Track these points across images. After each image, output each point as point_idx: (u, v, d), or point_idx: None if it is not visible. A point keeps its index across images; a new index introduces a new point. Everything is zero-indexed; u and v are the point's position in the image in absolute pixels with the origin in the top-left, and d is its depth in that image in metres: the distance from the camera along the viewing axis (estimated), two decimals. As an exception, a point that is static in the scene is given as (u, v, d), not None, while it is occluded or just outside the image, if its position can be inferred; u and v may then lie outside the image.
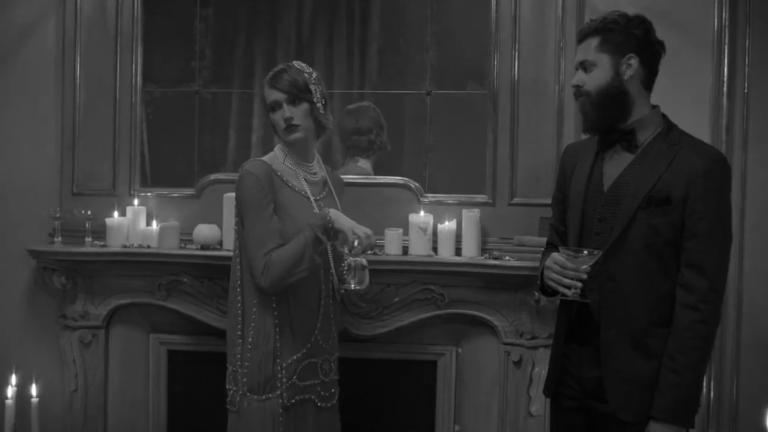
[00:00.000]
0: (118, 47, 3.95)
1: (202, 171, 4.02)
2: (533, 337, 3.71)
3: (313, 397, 3.09)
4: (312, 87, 3.04)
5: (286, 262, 2.93)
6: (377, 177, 3.95)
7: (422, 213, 3.76)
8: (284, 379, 3.01)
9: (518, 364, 3.74)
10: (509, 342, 3.74)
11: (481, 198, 3.83)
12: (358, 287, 3.04)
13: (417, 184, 3.87)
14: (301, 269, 2.94)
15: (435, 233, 3.75)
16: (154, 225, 3.86)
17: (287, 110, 3.02)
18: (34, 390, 3.82)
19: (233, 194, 3.09)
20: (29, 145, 4.03)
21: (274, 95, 3.03)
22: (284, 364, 3.01)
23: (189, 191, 3.97)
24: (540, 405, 3.70)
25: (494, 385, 3.80)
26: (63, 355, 3.93)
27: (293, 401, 3.03)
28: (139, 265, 3.80)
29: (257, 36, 4.15)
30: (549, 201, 3.19)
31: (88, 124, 3.96)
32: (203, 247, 3.75)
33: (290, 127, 3.03)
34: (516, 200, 3.79)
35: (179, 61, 4.07)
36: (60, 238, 3.86)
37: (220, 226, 3.77)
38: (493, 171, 3.81)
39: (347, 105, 4.08)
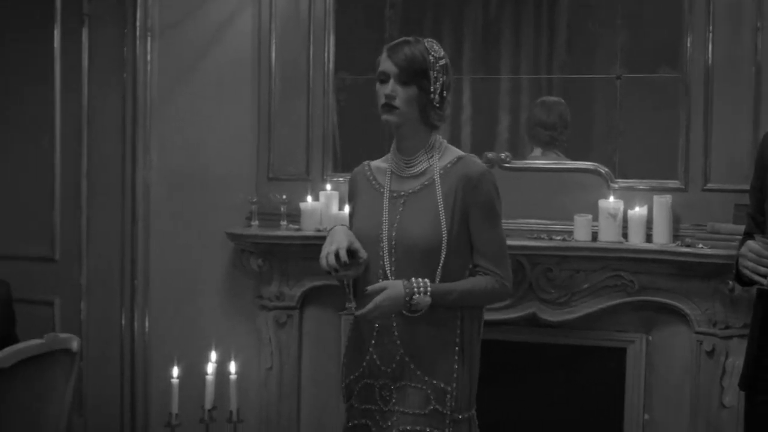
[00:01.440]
0: (311, 37, 4.33)
1: None
2: (727, 327, 3.83)
3: (369, 423, 2.84)
4: (432, 73, 2.76)
5: None
6: (566, 162, 4.15)
7: (612, 198, 3.93)
8: (345, 399, 2.93)
9: (711, 354, 3.85)
10: (701, 331, 3.87)
11: (673, 183, 3.97)
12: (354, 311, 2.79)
13: (607, 170, 4.04)
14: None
15: (625, 219, 3.92)
16: (346, 209, 4.26)
17: (391, 86, 2.77)
18: (232, 367, 4.25)
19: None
20: (228, 133, 4.45)
21: (386, 65, 2.78)
22: (346, 382, 2.90)
23: (378, 177, 4.36)
24: (733, 396, 3.79)
25: (685, 374, 3.94)
26: (259, 335, 4.39)
27: (350, 424, 2.90)
28: (331, 248, 4.22)
29: (443, 21, 4.51)
30: (744, 187, 3.27)
31: (283, 111, 4.40)
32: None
33: (386, 106, 2.77)
34: (710, 186, 3.90)
35: (369, 49, 4.46)
36: (257, 222, 4.32)
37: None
38: (686, 156, 3.93)
39: (534, 89, 4.36)
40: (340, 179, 4.32)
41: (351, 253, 2.76)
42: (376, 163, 2.94)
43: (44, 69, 4.59)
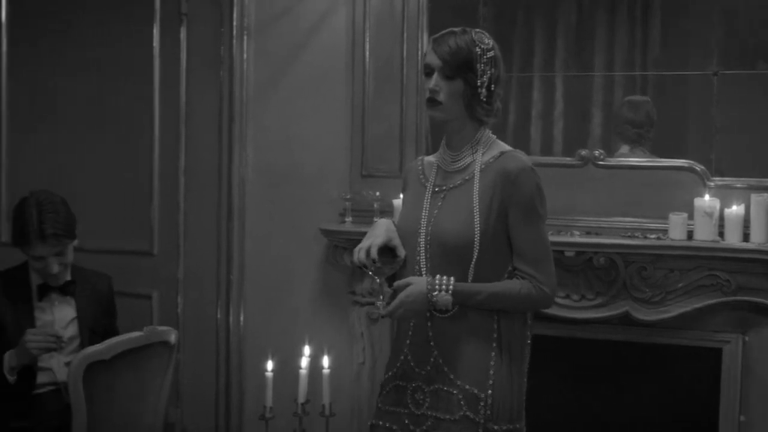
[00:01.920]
0: (405, 35, 4.41)
1: None
2: (825, 328, 3.81)
3: (395, 428, 2.79)
4: (479, 66, 2.67)
5: None
6: (660, 160, 4.17)
7: (708, 197, 3.94)
8: (378, 397, 2.89)
9: (811, 355, 3.83)
10: (801, 332, 3.84)
11: (772, 182, 3.93)
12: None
13: (703, 167, 4.05)
14: None
15: (721, 218, 3.92)
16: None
17: (435, 80, 2.70)
18: (325, 361, 4.37)
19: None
20: (322, 130, 4.57)
21: (430, 58, 2.71)
22: (382, 380, 2.88)
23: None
24: (836, 400, 3.76)
25: (784, 376, 3.91)
26: (352, 330, 4.50)
27: (372, 423, 2.88)
28: (424, 245, 4.33)
29: (536, 18, 4.52)
30: None
31: (377, 109, 4.47)
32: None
33: (430, 101, 2.71)
34: (813, 185, 3.86)
35: (464, 46, 4.56)
36: (350, 218, 4.42)
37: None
38: (787, 154, 3.89)
39: (628, 85, 4.36)
40: (433, 176, 4.41)
41: (389, 249, 2.72)
42: (429, 158, 2.90)
43: (143, 68, 4.77)
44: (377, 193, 4.37)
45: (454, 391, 2.70)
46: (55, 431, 3.68)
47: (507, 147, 2.78)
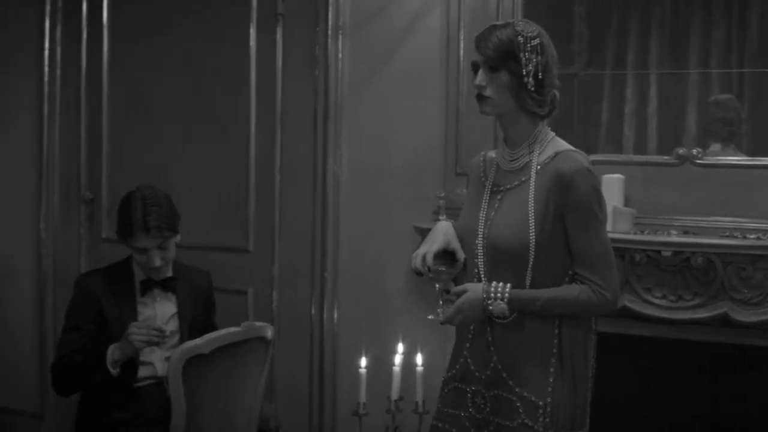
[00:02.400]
0: (500, 33, 4.52)
1: (586, 152, 4.43)
2: None
3: (454, 430, 2.80)
4: (522, 55, 2.63)
5: None
6: (759, 159, 4.11)
7: None
8: (438, 396, 2.88)
9: None
10: None
11: None
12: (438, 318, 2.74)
13: None
14: None
15: None
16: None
17: (480, 76, 2.67)
18: (419, 359, 4.41)
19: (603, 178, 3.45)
20: (416, 128, 4.60)
21: (475, 55, 2.69)
22: (442, 379, 2.89)
23: (566, 173, 4.44)
24: None
25: None
26: (445, 328, 4.54)
27: (433, 424, 2.88)
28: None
29: (631, 15, 4.47)
30: None
31: (471, 107, 4.49)
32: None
33: (479, 97, 2.69)
34: None
35: (558, 44, 4.55)
36: (444, 217, 4.35)
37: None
38: None
39: (724, 83, 4.31)
40: (527, 175, 4.42)
41: (449, 253, 2.71)
42: (491, 154, 2.87)
43: (240, 67, 4.85)
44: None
45: (513, 398, 2.67)
46: (155, 423, 3.78)
47: (565, 145, 2.73)
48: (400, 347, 4.50)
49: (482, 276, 2.68)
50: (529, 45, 2.63)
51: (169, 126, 5.05)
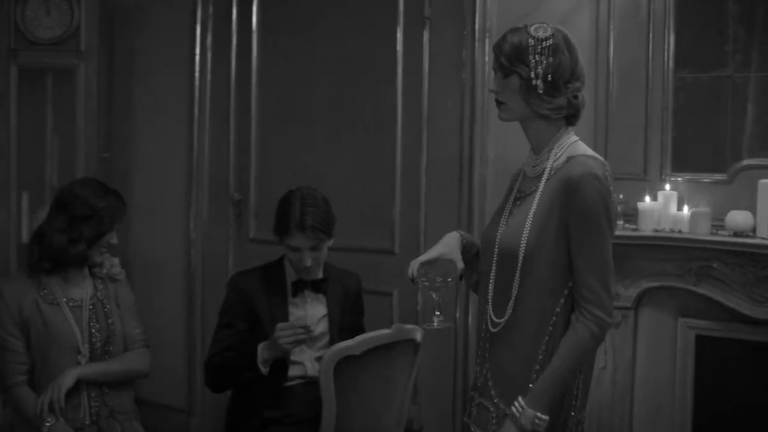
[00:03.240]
0: (651, 35, 4.37)
1: (733, 156, 4.30)
2: None
3: None
4: (532, 57, 2.58)
5: None
6: None
7: None
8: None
9: None
10: None
11: None
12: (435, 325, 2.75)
13: None
14: None
15: None
16: (685, 210, 4.23)
17: (494, 81, 2.66)
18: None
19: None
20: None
21: (492, 61, 2.70)
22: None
23: (720, 176, 4.28)
24: None
25: None
26: (593, 333, 4.51)
27: None
28: (669, 249, 4.17)
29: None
30: None
31: (621, 110, 4.44)
32: (736, 234, 4.06)
33: (496, 103, 2.69)
34: None
35: (712, 46, 4.39)
36: None
37: (753, 212, 4.04)
38: None
39: None
40: (679, 179, 4.33)
41: (450, 263, 2.69)
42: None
43: (387, 70, 4.87)
44: (620, 196, 4.32)
45: (491, 408, 2.63)
46: (304, 422, 3.83)
47: (582, 150, 2.63)
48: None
49: (491, 282, 2.63)
50: (539, 47, 2.57)
51: (316, 128, 5.12)
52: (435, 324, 2.72)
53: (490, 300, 2.65)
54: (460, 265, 2.69)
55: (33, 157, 5.23)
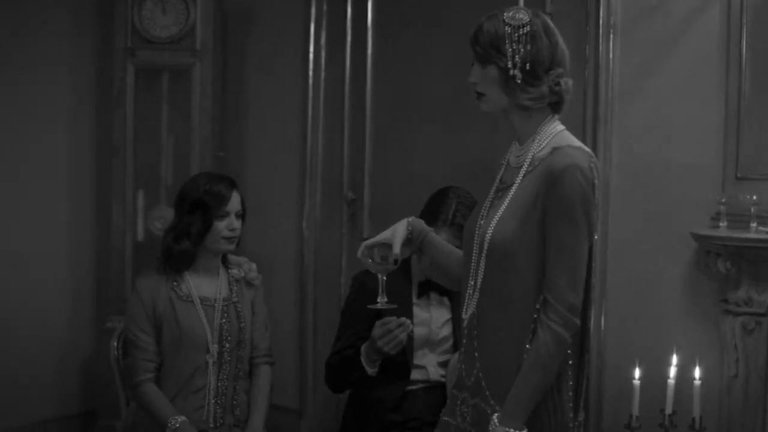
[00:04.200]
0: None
1: None
2: None
3: None
4: (508, 45, 2.41)
5: None
6: None
7: None
8: None
9: None
10: None
11: None
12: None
13: None
14: None
15: None
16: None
17: (473, 71, 2.52)
18: (696, 372, 4.18)
19: None
20: (692, 130, 4.38)
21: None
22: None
23: None
24: None
25: None
26: (723, 340, 4.27)
27: None
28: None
29: None
30: None
31: (753, 108, 4.23)
32: None
33: (476, 95, 2.55)
34: None
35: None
36: (725, 223, 4.17)
37: None
38: None
39: None
40: (812, 181, 4.15)
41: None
42: None
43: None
44: (754, 197, 4.15)
45: (488, 411, 2.45)
46: (426, 427, 3.73)
47: (570, 141, 2.48)
48: (674, 359, 4.27)
49: (471, 275, 2.49)
50: (516, 35, 2.39)
51: (432, 126, 5.02)
52: (379, 305, 2.79)
53: (471, 296, 2.51)
54: (396, 249, 2.66)
55: (148, 156, 5.26)
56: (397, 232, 2.69)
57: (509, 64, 2.41)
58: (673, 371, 4.27)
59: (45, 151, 5.40)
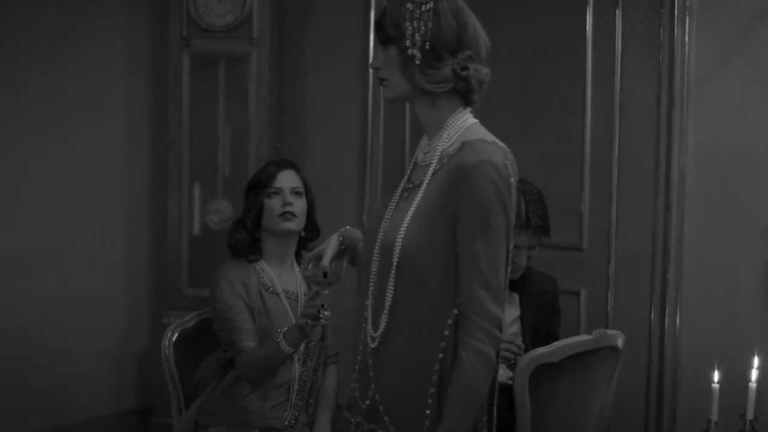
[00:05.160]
0: None
1: None
2: None
3: None
4: (408, 24, 2.18)
5: None
6: None
7: None
8: None
9: None
10: None
11: None
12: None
13: None
14: None
15: None
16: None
17: (374, 55, 2.29)
18: (779, 374, 3.99)
19: None
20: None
21: None
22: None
23: None
24: None
25: None
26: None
27: None
28: None
29: None
30: None
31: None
32: None
33: (379, 81, 2.29)
34: None
35: None
36: None
37: None
38: None
39: None
40: None
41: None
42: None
43: (576, 53, 4.57)
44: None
45: None
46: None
47: (482, 135, 2.25)
48: (756, 361, 4.02)
49: (370, 283, 2.24)
50: (417, 12, 2.15)
51: (497, 116, 4.77)
52: (321, 321, 2.73)
53: (369, 307, 2.27)
54: (324, 261, 2.52)
55: (205, 147, 5.12)
56: (329, 245, 2.57)
57: (407, 43, 2.17)
58: (754, 374, 4.02)
59: (101, 145, 5.30)
